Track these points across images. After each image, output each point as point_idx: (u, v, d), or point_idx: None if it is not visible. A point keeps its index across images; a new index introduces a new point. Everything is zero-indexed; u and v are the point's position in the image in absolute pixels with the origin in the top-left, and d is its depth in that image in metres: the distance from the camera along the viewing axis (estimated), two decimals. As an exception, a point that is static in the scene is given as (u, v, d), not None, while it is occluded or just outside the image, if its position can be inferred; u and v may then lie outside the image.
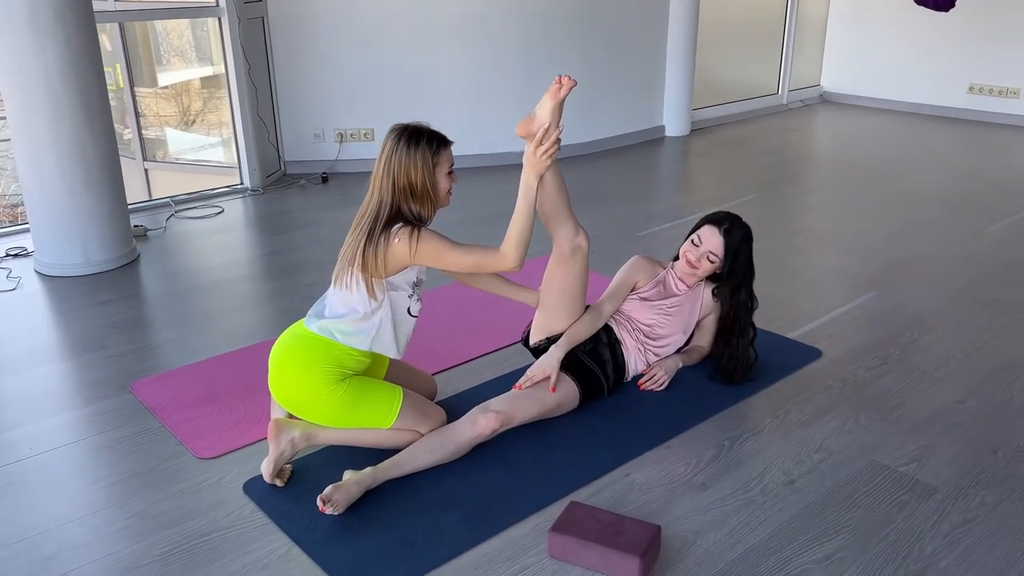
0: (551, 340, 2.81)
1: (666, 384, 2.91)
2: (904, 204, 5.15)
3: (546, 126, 2.51)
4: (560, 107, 2.55)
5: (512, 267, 2.47)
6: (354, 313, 2.45)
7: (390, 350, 2.52)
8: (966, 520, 2.28)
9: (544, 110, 2.56)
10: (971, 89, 7.57)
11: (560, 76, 2.53)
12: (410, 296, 2.51)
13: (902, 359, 3.18)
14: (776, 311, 3.59)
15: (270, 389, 2.55)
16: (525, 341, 2.93)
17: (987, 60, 7.43)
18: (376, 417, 2.48)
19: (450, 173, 2.48)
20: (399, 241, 2.37)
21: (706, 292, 3.01)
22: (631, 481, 2.46)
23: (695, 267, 2.91)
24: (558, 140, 2.50)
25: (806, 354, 3.21)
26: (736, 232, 2.88)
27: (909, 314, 3.58)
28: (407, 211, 2.43)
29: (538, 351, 2.86)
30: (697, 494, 2.39)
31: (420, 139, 2.41)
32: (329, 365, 2.43)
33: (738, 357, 2.94)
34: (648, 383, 2.90)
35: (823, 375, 3.06)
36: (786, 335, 3.37)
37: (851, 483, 2.44)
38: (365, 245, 2.38)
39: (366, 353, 2.50)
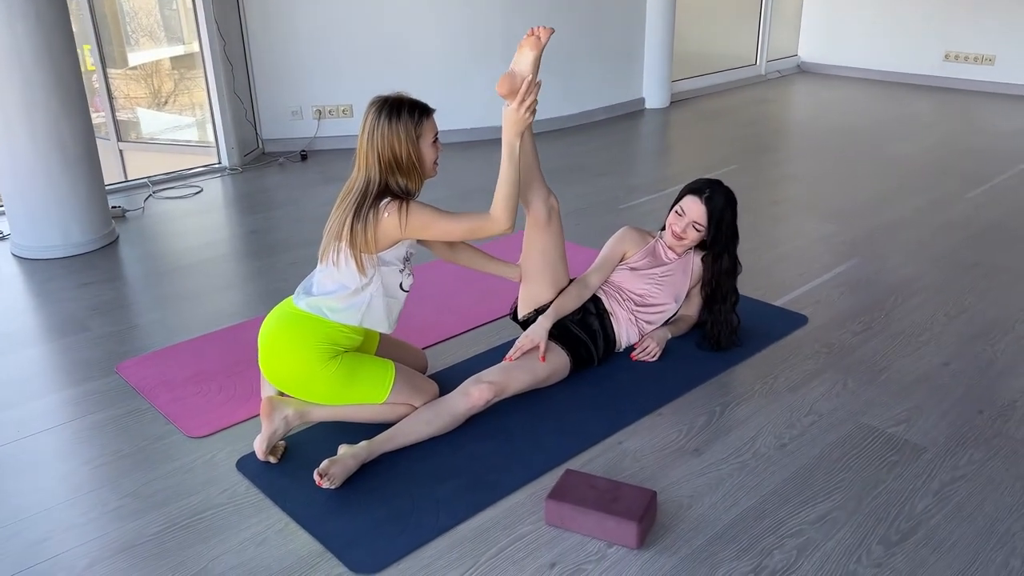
0: (539, 311, 2.81)
1: (657, 355, 2.92)
2: (883, 171, 5.18)
3: (529, 79, 2.46)
4: (539, 59, 2.50)
5: (503, 229, 2.44)
6: (344, 289, 2.42)
7: (381, 325, 2.50)
8: (955, 478, 2.31)
9: (524, 63, 2.49)
10: (947, 56, 7.62)
11: (533, 28, 2.49)
12: (401, 271, 2.49)
13: (887, 323, 3.21)
14: (761, 279, 3.61)
15: (261, 368, 2.53)
16: (514, 315, 2.93)
17: (962, 27, 7.47)
18: (370, 392, 2.47)
19: (435, 142, 2.44)
20: (388, 216, 2.34)
21: (696, 260, 3.02)
22: (624, 448, 2.47)
23: (682, 237, 2.92)
24: (537, 93, 2.45)
25: (792, 321, 3.23)
26: (718, 199, 2.88)
27: (892, 279, 3.61)
28: (395, 185, 2.40)
29: (527, 324, 2.86)
30: (691, 460, 2.41)
31: (401, 110, 2.36)
32: (321, 342, 2.41)
33: (721, 323, 2.95)
34: (640, 355, 2.91)
35: (810, 341, 3.09)
36: (772, 303, 3.39)
37: (841, 445, 2.47)
38: (353, 221, 2.34)
39: (357, 330, 2.48)
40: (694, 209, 2.88)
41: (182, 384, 2.86)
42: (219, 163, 5.50)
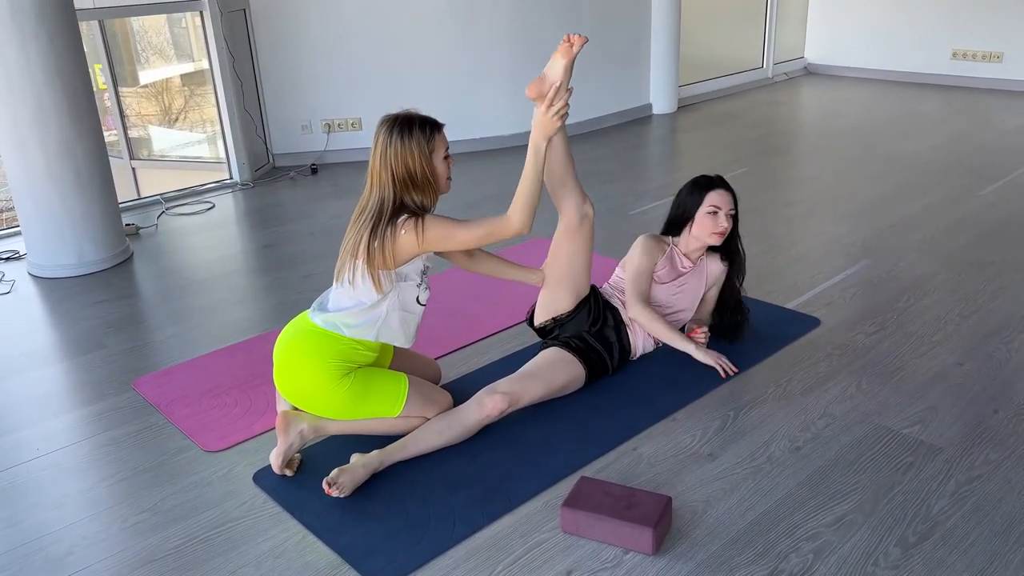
0: (556, 319, 2.81)
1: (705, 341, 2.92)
2: (893, 171, 5.17)
3: (557, 84, 2.50)
4: (571, 66, 2.54)
5: (520, 230, 2.43)
6: (360, 305, 2.43)
7: (398, 339, 2.51)
8: (971, 478, 2.30)
9: (555, 69, 2.54)
10: (954, 55, 7.60)
11: (569, 35, 2.53)
12: (419, 285, 2.50)
13: (900, 324, 3.21)
14: (773, 282, 3.61)
15: (275, 384, 2.55)
16: (530, 321, 2.94)
17: (969, 25, 7.45)
18: (383, 407, 2.48)
19: (446, 157, 2.46)
20: (405, 232, 2.35)
21: (710, 265, 3.01)
22: (639, 454, 2.48)
23: (723, 234, 2.88)
24: (568, 99, 2.49)
25: (805, 323, 3.23)
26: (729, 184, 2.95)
27: (904, 279, 3.60)
28: (410, 202, 2.40)
29: (543, 331, 2.87)
30: (705, 464, 2.41)
31: (412, 127, 2.38)
32: (335, 359, 2.42)
33: (738, 311, 3.03)
34: (699, 338, 2.90)
35: (823, 343, 3.09)
36: (784, 305, 3.39)
37: (856, 447, 2.46)
38: (370, 239, 2.35)
39: (372, 346, 2.49)
40: (725, 200, 2.88)
41: (198, 399, 2.89)
42: (231, 178, 5.55)
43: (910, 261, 3.79)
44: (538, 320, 2.87)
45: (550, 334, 2.86)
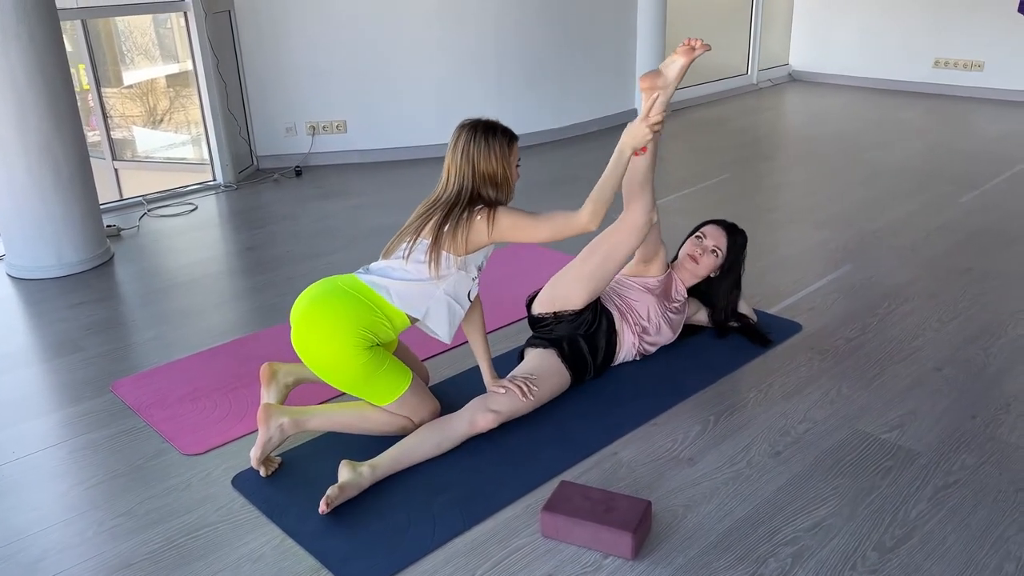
0: (558, 316, 2.78)
1: None
2: (875, 178, 5.21)
3: (656, 97, 2.55)
4: (687, 67, 2.59)
5: (588, 227, 2.44)
6: (414, 282, 2.47)
7: (441, 327, 2.52)
8: (948, 483, 2.32)
9: (672, 68, 2.59)
10: (936, 63, 7.66)
11: (690, 39, 2.55)
12: (474, 279, 2.55)
13: (880, 329, 3.22)
14: (755, 287, 3.62)
15: (292, 326, 2.49)
16: (529, 304, 2.90)
17: (951, 34, 7.51)
18: (380, 394, 2.47)
19: (517, 166, 2.54)
20: (480, 219, 2.42)
21: (690, 308, 3.16)
22: (620, 459, 2.48)
23: (697, 261, 2.98)
24: (664, 119, 2.50)
25: (786, 328, 3.24)
26: (740, 236, 3.07)
27: (885, 285, 3.63)
28: (486, 195, 2.48)
29: (538, 322, 2.83)
30: (685, 469, 2.42)
31: (496, 131, 2.50)
32: (363, 329, 2.42)
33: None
34: None
35: (804, 348, 3.10)
36: (766, 311, 3.40)
37: (836, 452, 2.47)
38: (442, 221, 2.42)
39: (399, 327, 2.50)
40: (718, 236, 3.01)
41: (177, 402, 2.87)
42: (214, 180, 5.52)
43: (891, 267, 3.82)
44: (540, 308, 2.83)
45: (543, 326, 2.83)
